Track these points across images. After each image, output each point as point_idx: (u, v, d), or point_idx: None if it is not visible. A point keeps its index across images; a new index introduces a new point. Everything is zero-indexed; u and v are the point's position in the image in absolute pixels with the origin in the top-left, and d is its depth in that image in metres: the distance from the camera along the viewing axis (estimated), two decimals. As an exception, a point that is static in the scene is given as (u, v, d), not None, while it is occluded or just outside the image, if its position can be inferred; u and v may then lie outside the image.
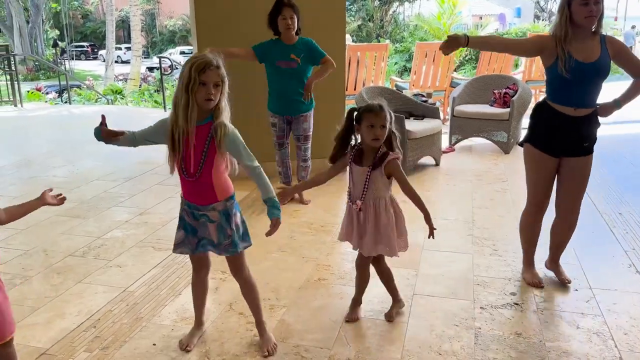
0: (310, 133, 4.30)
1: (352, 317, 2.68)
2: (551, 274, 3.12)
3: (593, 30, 2.66)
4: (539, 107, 2.87)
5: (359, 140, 2.51)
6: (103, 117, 2.23)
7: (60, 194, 2.11)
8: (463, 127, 6.24)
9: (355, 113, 2.45)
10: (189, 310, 2.71)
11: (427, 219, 2.45)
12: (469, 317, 2.69)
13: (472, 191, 4.71)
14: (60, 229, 3.90)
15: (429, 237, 2.44)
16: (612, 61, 2.71)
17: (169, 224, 3.97)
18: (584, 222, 3.30)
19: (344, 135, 2.49)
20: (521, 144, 2.99)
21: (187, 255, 2.46)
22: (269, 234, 2.23)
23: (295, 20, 3.98)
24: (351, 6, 25.71)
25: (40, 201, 2.02)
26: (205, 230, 2.29)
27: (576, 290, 2.97)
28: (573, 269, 3.20)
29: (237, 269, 2.40)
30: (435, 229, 2.46)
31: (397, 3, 26.68)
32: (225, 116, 2.19)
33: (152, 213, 4.21)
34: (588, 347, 2.46)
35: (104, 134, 2.22)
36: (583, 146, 2.79)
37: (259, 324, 2.48)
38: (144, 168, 5.41)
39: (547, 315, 2.72)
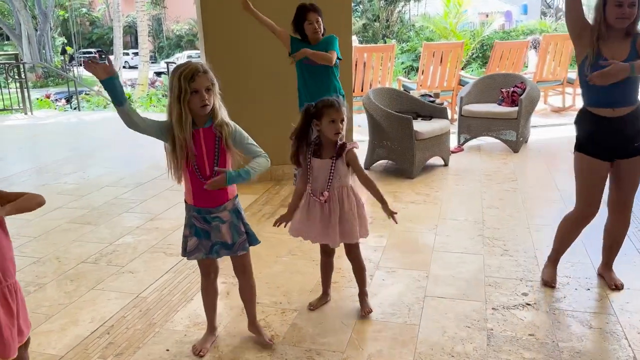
0: (344, 133, 4.31)
1: (366, 310, 2.72)
2: (570, 274, 3.10)
3: (627, 31, 2.62)
4: (579, 114, 2.82)
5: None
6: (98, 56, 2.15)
7: None
8: (471, 126, 6.22)
9: (313, 109, 2.49)
10: (201, 316, 2.73)
11: (386, 207, 2.56)
12: (481, 319, 2.69)
13: (482, 191, 4.69)
14: (72, 236, 3.93)
15: (394, 220, 2.57)
16: None
17: (179, 229, 3.97)
18: (594, 220, 3.28)
19: (301, 133, 2.53)
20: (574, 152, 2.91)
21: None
22: (208, 184, 2.18)
23: (321, 22, 3.99)
24: (357, 7, 25.69)
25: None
26: (218, 232, 2.31)
27: (588, 289, 2.95)
28: (585, 267, 3.19)
29: (246, 267, 2.46)
30: (396, 212, 2.57)
31: (403, 2, 26.61)
32: (224, 115, 2.23)
33: (163, 218, 4.24)
34: (602, 347, 2.44)
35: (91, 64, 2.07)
36: (634, 146, 2.74)
37: (255, 321, 2.55)
38: (154, 174, 5.44)
39: (559, 315, 2.70)
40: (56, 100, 16.23)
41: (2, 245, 1.80)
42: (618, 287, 2.94)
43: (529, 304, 2.81)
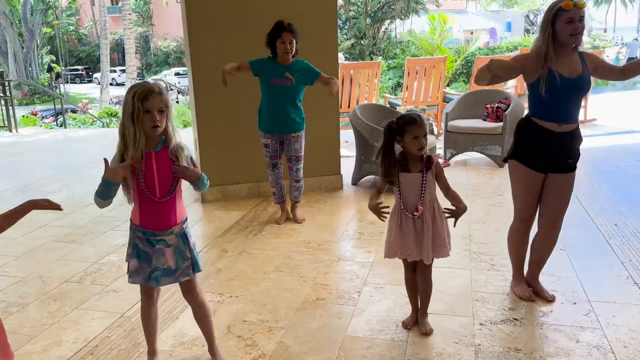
0: (302, 153, 4.30)
1: (428, 329, 2.69)
2: (557, 287, 3.12)
3: (574, 46, 2.68)
4: (523, 123, 2.87)
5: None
6: (105, 160, 2.18)
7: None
8: (457, 142, 6.28)
9: (395, 126, 2.48)
10: (187, 335, 2.71)
11: (460, 213, 2.58)
12: (469, 334, 2.68)
13: (469, 206, 4.68)
14: (56, 254, 3.88)
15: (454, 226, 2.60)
16: (592, 75, 2.75)
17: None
18: (580, 234, 3.31)
19: (387, 150, 2.51)
20: (505, 160, 2.98)
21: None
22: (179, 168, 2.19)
23: (294, 44, 4.00)
24: (344, 25, 25.99)
25: (29, 205, 1.95)
26: (161, 257, 2.24)
27: (575, 303, 2.96)
28: (571, 281, 3.20)
29: (192, 290, 2.37)
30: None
31: (389, 20, 26.99)
32: (179, 138, 2.22)
33: (149, 236, 4.20)
34: (588, 361, 2.45)
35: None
36: (568, 162, 2.80)
37: (214, 348, 2.48)
38: (140, 191, 5.39)
39: (546, 329, 2.71)
40: (43, 117, 16.15)
41: None
42: (551, 299, 2.97)
43: (516, 319, 2.81)
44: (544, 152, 2.78)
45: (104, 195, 2.15)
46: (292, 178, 4.37)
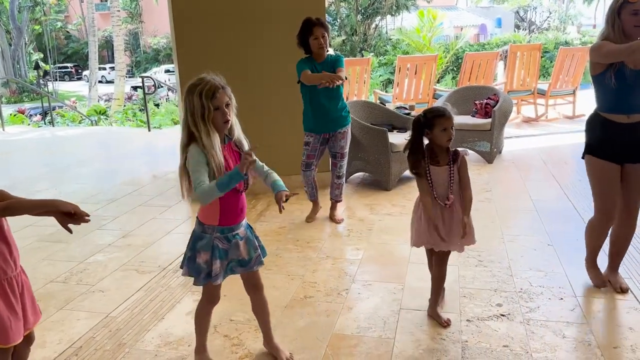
0: (347, 150, 4.27)
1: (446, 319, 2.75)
2: (544, 283, 3.12)
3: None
4: (591, 120, 2.88)
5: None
6: None
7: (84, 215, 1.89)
8: (446, 138, 6.27)
9: (423, 119, 2.57)
10: (173, 335, 2.68)
11: (467, 219, 2.65)
12: (456, 331, 2.68)
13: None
14: (41, 254, 3.84)
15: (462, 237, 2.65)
16: None
17: (152, 245, 3.94)
18: (567, 230, 3.32)
19: (416, 144, 2.62)
20: (583, 157, 2.96)
21: (171, 278, 2.44)
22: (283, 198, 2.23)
23: (327, 38, 3.93)
24: (334, 21, 25.92)
25: (53, 207, 1.85)
26: (237, 250, 2.26)
27: (561, 299, 2.97)
28: (558, 277, 3.21)
29: (259, 281, 2.42)
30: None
31: (380, 17, 26.94)
32: (238, 129, 2.23)
33: (136, 235, 4.17)
34: (574, 357, 2.45)
35: None
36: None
37: (272, 338, 2.51)
38: (127, 189, 5.36)
39: (533, 325, 2.71)
40: (30, 115, 16.00)
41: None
42: (623, 290, 2.98)
43: (503, 315, 2.82)
44: (616, 144, 2.78)
45: (226, 188, 2.08)
46: (334, 174, 4.33)
